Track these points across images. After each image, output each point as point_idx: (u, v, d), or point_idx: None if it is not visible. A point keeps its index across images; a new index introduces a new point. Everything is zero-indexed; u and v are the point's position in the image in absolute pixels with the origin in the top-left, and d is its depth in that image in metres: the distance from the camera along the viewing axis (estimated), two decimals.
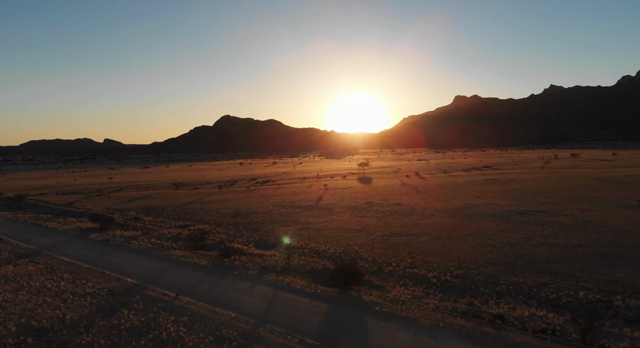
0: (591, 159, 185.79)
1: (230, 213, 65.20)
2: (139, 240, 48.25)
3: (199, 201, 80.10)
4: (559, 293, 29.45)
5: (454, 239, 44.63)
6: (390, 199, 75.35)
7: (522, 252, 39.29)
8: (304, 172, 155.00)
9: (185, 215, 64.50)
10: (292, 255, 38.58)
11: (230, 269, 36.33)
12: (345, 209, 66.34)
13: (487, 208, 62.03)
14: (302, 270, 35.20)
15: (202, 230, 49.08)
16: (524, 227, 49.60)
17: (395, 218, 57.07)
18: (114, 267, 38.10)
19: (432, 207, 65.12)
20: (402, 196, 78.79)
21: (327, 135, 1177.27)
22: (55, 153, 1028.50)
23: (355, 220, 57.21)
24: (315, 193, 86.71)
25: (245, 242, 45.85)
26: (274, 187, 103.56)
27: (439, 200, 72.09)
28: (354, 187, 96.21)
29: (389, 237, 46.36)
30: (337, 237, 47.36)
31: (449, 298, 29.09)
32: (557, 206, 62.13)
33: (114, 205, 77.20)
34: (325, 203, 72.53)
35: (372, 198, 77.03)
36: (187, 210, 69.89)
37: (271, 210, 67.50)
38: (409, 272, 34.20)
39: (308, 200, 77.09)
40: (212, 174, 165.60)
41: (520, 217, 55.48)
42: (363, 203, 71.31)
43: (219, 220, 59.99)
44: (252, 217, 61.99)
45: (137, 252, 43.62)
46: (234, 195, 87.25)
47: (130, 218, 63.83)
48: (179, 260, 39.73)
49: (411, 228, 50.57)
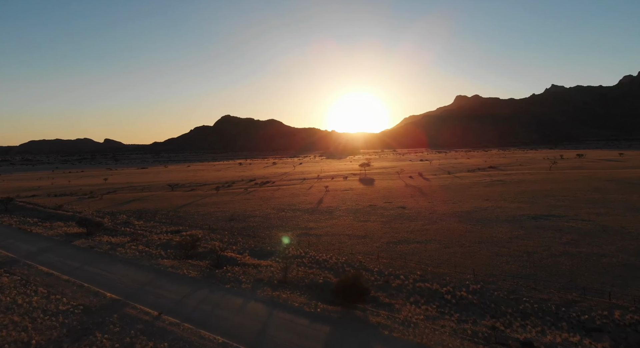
0: (598, 160, 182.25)
1: (226, 217, 61.92)
2: (126, 248, 44.96)
3: (195, 204, 76.82)
4: (591, 313, 26.05)
5: (466, 247, 41.31)
6: (394, 202, 72.03)
7: (542, 263, 35.95)
8: (304, 172, 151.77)
9: (178, 219, 61.24)
10: (289, 265, 35.22)
11: (222, 282, 33.01)
12: (347, 213, 63.05)
13: (498, 212, 58.69)
14: (301, 284, 31.83)
15: (194, 236, 45.77)
16: (539, 233, 46.24)
17: (400, 223, 53.77)
18: (94, 279, 34.78)
19: (438, 211, 61.79)
20: (406, 198, 75.48)
21: (328, 135, 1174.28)
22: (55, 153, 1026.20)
23: (358, 224, 53.91)
24: (316, 195, 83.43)
25: (240, 250, 42.55)
26: (273, 188, 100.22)
27: (445, 203, 68.77)
28: (356, 189, 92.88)
29: (395, 245, 43.04)
30: (339, 244, 44.04)
31: (468, 319, 25.68)
32: (571, 210, 58.79)
33: (106, 208, 73.96)
34: (326, 206, 69.27)
35: (375, 201, 73.74)
36: (181, 213, 66.64)
37: (269, 213, 64.22)
38: (419, 286, 30.85)
39: (308, 203, 73.82)
40: (211, 174, 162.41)
41: (534, 221, 52.12)
42: (366, 206, 68.03)
43: (213, 224, 56.71)
44: (248, 221, 58.68)
45: (122, 261, 40.33)
46: (231, 198, 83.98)
47: (120, 222, 60.58)
48: (167, 271, 36.42)
49: (418, 234, 47.25)
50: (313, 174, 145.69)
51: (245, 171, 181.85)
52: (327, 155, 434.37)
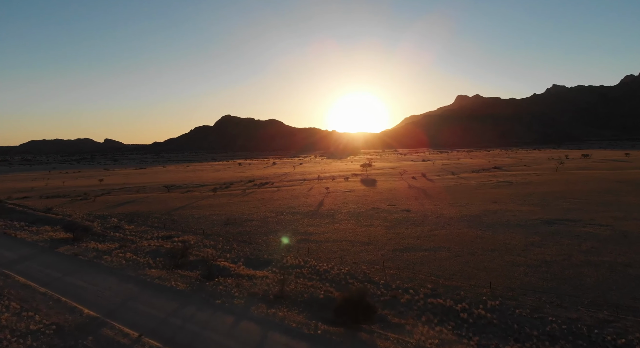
0: (604, 160, 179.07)
1: (222, 220, 58.94)
2: (112, 255, 41.98)
3: (190, 206, 73.89)
4: (629, 336, 22.88)
5: (479, 256, 38.29)
6: (398, 204, 69.03)
7: (564, 274, 32.86)
8: (304, 173, 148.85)
9: (172, 223, 58.27)
10: (287, 277, 32.26)
11: (212, 296, 30.01)
12: (349, 216, 60.08)
13: (508, 216, 55.63)
14: (299, 299, 28.79)
15: (185, 244, 42.72)
16: (556, 239, 43.20)
17: (406, 228, 50.78)
18: (74, 292, 31.79)
19: (445, 214, 58.79)
20: (410, 201, 72.49)
21: (329, 135, 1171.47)
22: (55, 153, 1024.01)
23: (361, 229, 50.93)
24: (316, 197, 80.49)
25: (234, 259, 39.55)
26: (272, 189, 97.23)
27: (452, 206, 65.76)
28: (358, 190, 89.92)
29: (401, 253, 40.03)
30: (341, 252, 41.07)
31: (489, 344, 22.45)
32: (586, 213, 55.73)
33: (97, 211, 71.05)
34: (326, 209, 66.31)
35: (378, 203, 70.76)
36: (175, 217, 63.70)
37: (267, 217, 61.23)
38: (431, 302, 27.83)
39: (308, 205, 70.87)
40: (209, 175, 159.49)
41: (548, 226, 49.07)
42: (368, 209, 65.05)
43: (208, 229, 53.70)
44: (245, 225, 55.70)
45: (107, 270, 37.36)
46: (228, 200, 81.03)
47: (110, 226, 57.61)
48: (153, 283, 33.43)
49: (426, 240, 44.22)
50: (313, 174, 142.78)
51: (245, 171, 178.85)
52: (328, 156, 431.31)
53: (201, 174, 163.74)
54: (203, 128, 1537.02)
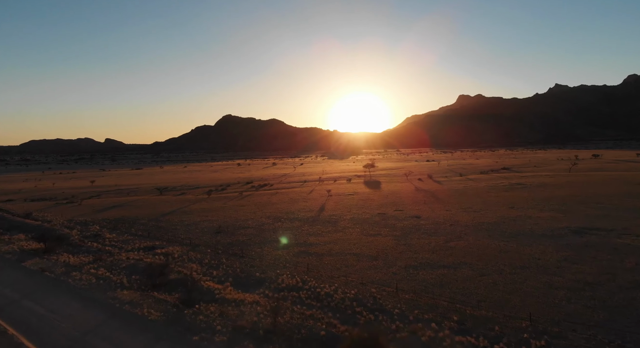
0: (616, 160, 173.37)
1: (213, 228, 53.66)
2: (83, 271, 36.75)
3: (181, 211, 68.70)
4: None
5: (507, 275, 32.88)
6: (406, 209, 63.71)
7: (614, 301, 27.25)
8: (305, 174, 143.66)
9: (157, 231, 53.03)
10: (281, 304, 27.03)
11: (190, 330, 24.62)
12: (353, 223, 54.76)
13: (530, 224, 50.16)
14: (295, 337, 23.17)
15: (165, 260, 37.48)
16: (592, 253, 37.69)
17: (418, 238, 45.46)
18: (26, 322, 26.39)
19: (460, 221, 53.43)
20: (419, 205, 67.15)
21: (330, 135, 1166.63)
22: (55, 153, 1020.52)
23: (367, 240, 45.66)
24: (317, 201, 75.21)
25: (222, 277, 34.25)
26: (271, 192, 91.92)
27: (465, 211, 60.43)
28: (361, 193, 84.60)
29: (416, 270, 34.55)
30: (346, 269, 35.74)
31: None
32: (616, 221, 50.24)
33: (80, 216, 65.88)
34: (328, 215, 61.01)
35: (384, 208, 65.46)
36: (163, 223, 58.48)
37: (263, 224, 55.95)
38: (460, 341, 22.38)
39: (308, 210, 65.61)
40: (206, 176, 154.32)
41: (579, 237, 43.73)
42: (374, 215, 59.73)
43: (196, 238, 48.45)
44: (238, 234, 50.40)
45: (72, 292, 32.13)
46: (223, 203, 75.81)
47: (89, 235, 52.39)
48: (123, 310, 28.16)
49: (443, 254, 38.78)
50: (314, 175, 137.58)
51: (243, 172, 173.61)
52: (329, 156, 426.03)
53: (198, 175, 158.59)
54: (204, 128, 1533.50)
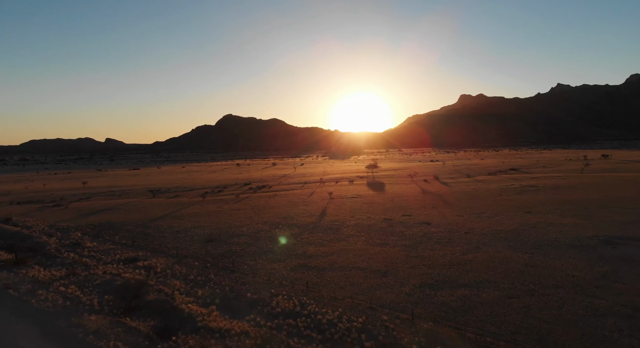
0: (627, 161, 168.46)
1: (204, 236, 49.06)
2: (51, 290, 32.16)
3: (172, 215, 64.15)
4: None
5: (540, 297, 27.93)
6: (414, 214, 59.07)
7: None
8: (305, 175, 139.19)
9: (143, 239, 48.48)
10: (275, 336, 22.65)
11: None
12: (357, 230, 50.10)
13: (553, 232, 45.27)
14: None
15: (145, 276, 33.00)
16: (633, 269, 32.57)
17: (430, 249, 40.76)
18: None
19: (475, 229, 48.76)
20: (428, 210, 62.47)
21: (331, 135, 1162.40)
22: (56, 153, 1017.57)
23: (374, 251, 41.02)
24: (318, 205, 70.64)
25: (207, 298, 29.61)
26: (269, 194, 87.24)
27: (479, 217, 55.78)
28: (365, 196, 79.97)
29: (433, 290, 29.55)
30: (351, 288, 30.94)
31: None
32: None
33: (63, 222, 61.37)
34: (330, 220, 56.39)
35: (391, 213, 60.81)
36: (151, 229, 53.96)
37: (259, 231, 51.33)
38: None
39: (309, 215, 61.03)
40: (204, 176, 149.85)
41: (611, 248, 38.95)
42: (380, 221, 55.05)
43: (184, 248, 43.87)
44: (231, 242, 45.80)
45: (32, 315, 27.55)
46: (218, 207, 71.27)
47: (69, 243, 47.90)
48: (85, 343, 23.58)
49: (461, 270, 33.85)
50: (315, 176, 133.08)
51: (242, 173, 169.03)
52: (330, 156, 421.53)
53: (195, 176, 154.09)
54: (204, 127, 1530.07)
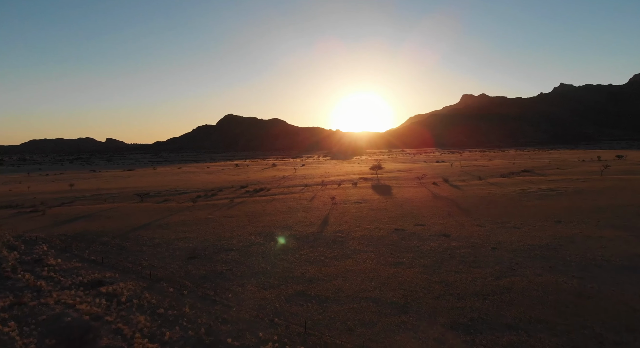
0: None
1: (188, 250, 42.21)
2: None
3: (156, 224, 57.53)
4: None
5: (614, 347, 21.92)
6: (428, 224, 52.09)
7: None
8: (305, 176, 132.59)
9: (118, 255, 41.68)
10: None
11: None
12: (365, 244, 43.04)
13: (597, 248, 37.96)
14: None
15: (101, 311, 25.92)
16: None
17: (455, 271, 33.26)
18: None
19: (503, 243, 41.48)
20: (443, 218, 55.43)
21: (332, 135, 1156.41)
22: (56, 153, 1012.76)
23: (386, 272, 33.83)
24: (320, 211, 63.91)
25: (175, 344, 22.92)
26: (266, 199, 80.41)
27: (503, 227, 48.79)
28: (371, 201, 73.15)
29: (470, 335, 22.39)
30: (362, 330, 23.73)
31: None
32: None
33: (34, 231, 54.67)
34: (333, 231, 49.41)
35: (401, 222, 53.75)
36: (130, 241, 47.35)
37: (252, 244, 44.26)
38: None
39: (309, 224, 54.23)
40: (199, 178, 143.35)
41: None
42: (390, 232, 48.05)
43: (162, 267, 36.93)
44: (217, 260, 38.83)
45: None
46: (209, 214, 64.66)
47: (30, 260, 41.18)
48: None
49: (499, 302, 26.69)
50: (316, 178, 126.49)
51: (240, 174, 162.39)
52: (332, 156, 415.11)
53: (190, 177, 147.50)
54: (205, 127, 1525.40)
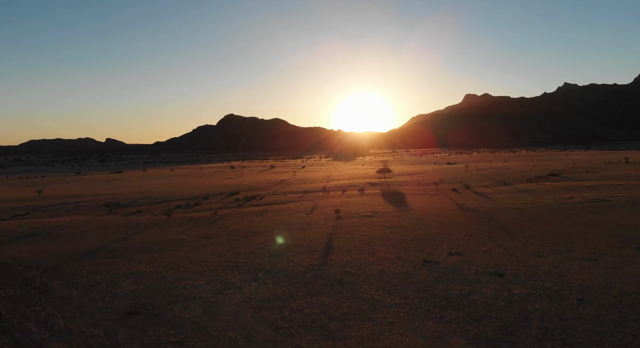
0: None
1: (131, 297, 26.09)
2: None
3: (109, 249, 44.11)
4: None
5: None
6: (467, 252, 35.10)
7: None
8: (305, 181, 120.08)
9: (33, 303, 27.86)
10: None
11: None
12: (387, 290, 25.53)
13: None
14: None
15: None
16: None
17: None
18: None
19: (588, 289, 23.62)
20: (483, 242, 38.81)
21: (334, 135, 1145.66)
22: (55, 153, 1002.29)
23: None
24: (321, 229, 49.73)
25: None
26: (258, 210, 66.28)
27: (571, 258, 31.69)
28: (384, 214, 58.68)
29: None
30: None
31: None
32: None
33: None
34: (339, 263, 33.06)
35: (429, 247, 36.93)
36: (61, 278, 34.06)
37: (224, 288, 27.31)
38: None
39: (307, 250, 37.87)
40: (188, 182, 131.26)
41: None
42: (418, 266, 31.23)
43: (80, 333, 22.37)
44: (166, 319, 22.28)
45: None
46: (181, 232, 51.32)
47: None
48: None
49: None
50: (317, 182, 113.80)
51: (234, 178, 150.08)
52: (334, 157, 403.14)
53: (178, 181, 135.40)
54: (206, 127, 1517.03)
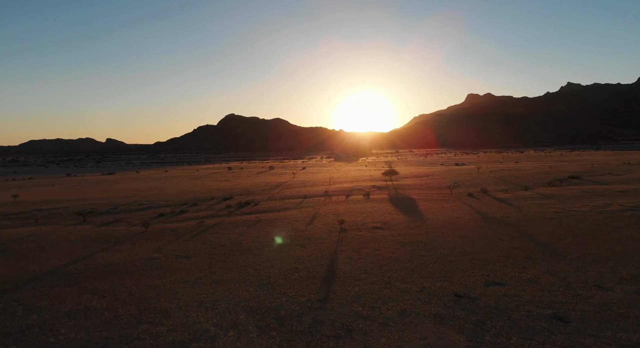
0: None
1: None
2: None
3: (64, 273, 36.51)
4: None
5: None
6: (508, 281, 26.02)
7: None
8: (306, 183, 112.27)
9: None
10: None
11: None
12: (409, 334, 16.59)
13: None
14: None
15: None
16: None
17: None
18: None
19: None
20: (524, 266, 29.64)
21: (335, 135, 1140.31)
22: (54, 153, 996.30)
23: None
24: (322, 245, 41.79)
25: None
26: (250, 219, 57.96)
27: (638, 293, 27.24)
28: (395, 225, 50.51)
29: None
30: None
31: None
32: None
33: None
34: (346, 300, 22.92)
35: (458, 273, 27.69)
36: None
37: (193, 338, 17.67)
38: None
39: (304, 276, 28.10)
40: (180, 185, 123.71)
41: None
42: (450, 303, 21.75)
43: None
44: None
45: None
46: (157, 248, 43.61)
47: None
48: None
49: None
50: (319, 185, 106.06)
51: (230, 180, 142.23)
52: (336, 157, 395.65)
53: (170, 184, 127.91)
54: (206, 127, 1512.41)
